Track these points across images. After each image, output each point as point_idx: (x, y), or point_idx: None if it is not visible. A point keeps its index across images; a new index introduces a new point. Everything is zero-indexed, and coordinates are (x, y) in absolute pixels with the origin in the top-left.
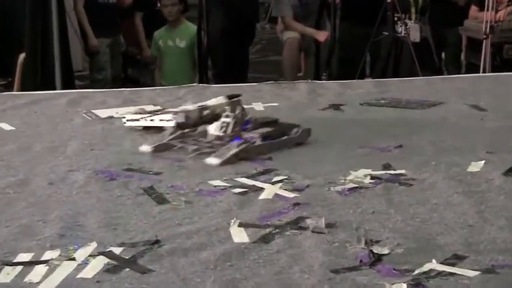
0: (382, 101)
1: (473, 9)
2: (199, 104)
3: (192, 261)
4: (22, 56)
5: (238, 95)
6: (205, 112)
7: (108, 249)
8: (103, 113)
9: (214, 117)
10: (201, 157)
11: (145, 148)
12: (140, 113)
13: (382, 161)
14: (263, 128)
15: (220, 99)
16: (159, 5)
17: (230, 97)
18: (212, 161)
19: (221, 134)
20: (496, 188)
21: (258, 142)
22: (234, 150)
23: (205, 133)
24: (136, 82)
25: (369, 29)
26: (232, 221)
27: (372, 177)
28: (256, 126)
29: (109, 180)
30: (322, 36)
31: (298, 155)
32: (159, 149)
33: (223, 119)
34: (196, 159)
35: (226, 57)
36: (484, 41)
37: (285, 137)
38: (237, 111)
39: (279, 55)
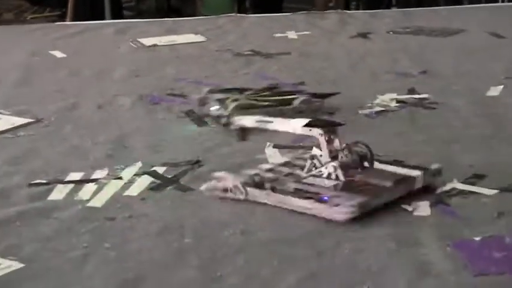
0: (407, 30)
1: None
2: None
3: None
4: None
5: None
6: None
7: (152, 169)
8: (148, 41)
9: None
10: None
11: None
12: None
13: (407, 85)
14: None
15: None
16: None
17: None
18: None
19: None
20: None
21: None
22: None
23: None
24: (179, 12)
25: None
26: (268, 143)
27: (398, 101)
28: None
29: (153, 104)
30: None
31: (328, 83)
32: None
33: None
34: None
35: None
36: None
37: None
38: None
39: None
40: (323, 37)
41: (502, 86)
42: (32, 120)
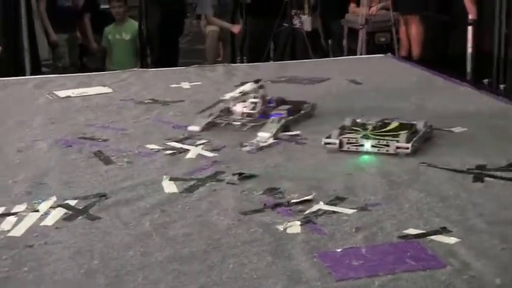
0: (283, 79)
1: (352, 5)
2: (239, 90)
3: (132, 209)
4: None
5: (260, 80)
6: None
7: (65, 202)
8: (62, 93)
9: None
10: (238, 130)
11: (193, 128)
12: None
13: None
14: (283, 106)
15: (249, 85)
16: (104, 6)
17: (256, 81)
18: (263, 135)
19: (251, 112)
20: None
21: (286, 117)
22: (277, 125)
23: (230, 112)
24: (90, 68)
25: (272, 22)
26: (164, 176)
27: (274, 138)
28: (277, 105)
29: (66, 147)
30: (236, 29)
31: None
32: (205, 128)
33: (251, 100)
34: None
35: (161, 47)
36: (360, 30)
37: (302, 112)
38: (262, 93)
39: (203, 44)
40: (211, 86)
41: None
42: None
